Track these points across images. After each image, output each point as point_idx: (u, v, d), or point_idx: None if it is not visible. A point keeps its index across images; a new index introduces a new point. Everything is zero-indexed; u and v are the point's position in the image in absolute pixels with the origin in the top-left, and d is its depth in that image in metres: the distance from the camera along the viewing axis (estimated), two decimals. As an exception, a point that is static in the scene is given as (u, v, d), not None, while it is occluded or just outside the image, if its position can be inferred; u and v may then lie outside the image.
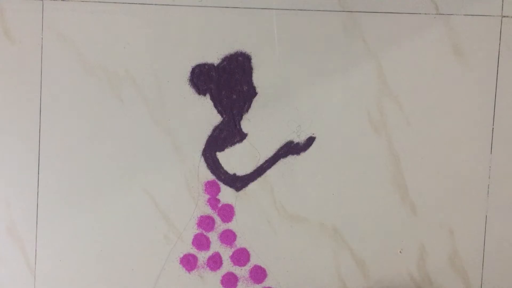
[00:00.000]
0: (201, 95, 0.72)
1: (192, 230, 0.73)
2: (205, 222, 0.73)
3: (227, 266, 0.73)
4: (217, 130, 0.73)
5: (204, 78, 0.72)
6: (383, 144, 0.73)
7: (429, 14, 0.73)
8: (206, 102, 0.73)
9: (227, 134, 0.73)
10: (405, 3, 0.73)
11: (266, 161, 0.73)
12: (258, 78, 0.73)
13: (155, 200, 0.72)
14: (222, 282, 0.73)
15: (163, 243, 0.73)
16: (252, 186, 0.73)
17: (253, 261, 0.73)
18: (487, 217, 0.74)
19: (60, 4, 0.71)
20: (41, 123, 0.72)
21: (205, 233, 0.73)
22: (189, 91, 0.72)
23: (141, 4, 0.72)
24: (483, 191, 0.74)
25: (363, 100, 0.73)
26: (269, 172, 0.73)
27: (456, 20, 0.73)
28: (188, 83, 0.72)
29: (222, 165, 0.73)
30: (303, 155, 0.73)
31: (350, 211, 0.73)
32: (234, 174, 0.73)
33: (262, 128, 0.73)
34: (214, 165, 0.73)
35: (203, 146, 0.73)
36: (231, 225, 0.73)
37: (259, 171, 0.73)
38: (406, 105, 0.73)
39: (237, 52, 0.72)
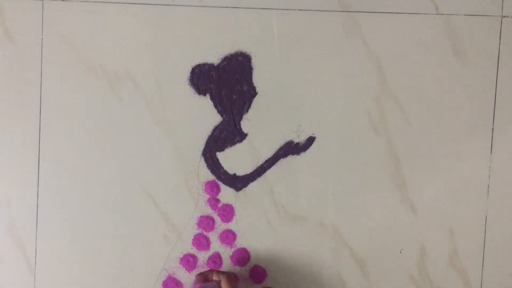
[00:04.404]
0: (201, 95, 0.72)
1: (192, 230, 0.73)
2: (205, 222, 0.73)
3: (227, 266, 0.73)
4: (217, 130, 0.73)
5: (204, 78, 0.72)
6: (383, 144, 0.73)
7: (429, 14, 0.73)
8: (206, 102, 0.73)
9: (227, 134, 0.73)
10: (405, 3, 0.73)
11: (266, 161, 0.73)
12: (258, 78, 0.73)
13: (155, 200, 0.72)
14: (222, 282, 0.73)
15: (163, 243, 0.73)
16: (252, 186, 0.73)
17: (253, 261, 0.73)
18: (487, 217, 0.74)
19: (60, 4, 0.71)
20: (41, 123, 0.72)
21: (205, 233, 0.73)
22: (189, 91, 0.72)
23: (141, 4, 0.72)
24: (483, 191, 0.74)
25: (363, 100, 0.73)
26: (269, 172, 0.73)
27: (456, 20, 0.73)
28: (188, 83, 0.72)
29: (222, 165, 0.73)
30: (303, 155, 0.73)
31: (350, 211, 0.73)
32: (234, 174, 0.73)
33: (262, 128, 0.73)
34: (214, 165, 0.73)
35: (203, 146, 0.73)
36: (231, 225, 0.73)
37: (259, 171, 0.73)
38: (406, 105, 0.73)
39: (237, 52, 0.72)
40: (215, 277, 0.65)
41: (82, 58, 0.72)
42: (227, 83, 0.72)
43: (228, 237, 0.73)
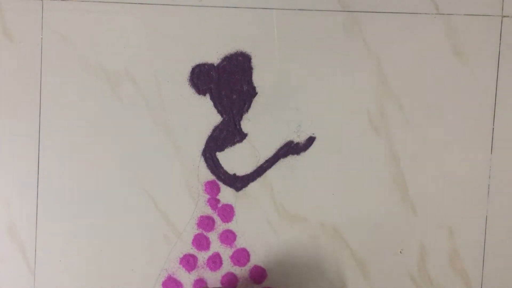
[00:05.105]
0: (201, 95, 0.72)
1: (192, 230, 0.73)
2: (205, 222, 0.73)
3: (227, 266, 0.73)
4: (217, 130, 0.73)
5: (204, 78, 0.72)
6: (383, 144, 0.73)
7: (429, 14, 0.73)
8: (206, 102, 0.73)
9: (227, 134, 0.73)
10: (405, 3, 0.73)
11: (266, 161, 0.73)
12: (258, 78, 0.73)
13: (155, 200, 0.72)
14: (222, 282, 0.73)
15: (163, 243, 0.72)
16: (252, 186, 0.73)
17: (253, 261, 0.73)
18: (487, 217, 0.74)
19: (59, 3, 0.71)
20: (40, 123, 0.72)
21: (205, 233, 0.73)
22: (189, 91, 0.72)
23: (141, 4, 0.71)
24: (484, 191, 0.74)
25: (363, 100, 0.73)
26: (269, 172, 0.73)
27: (456, 20, 0.73)
28: (188, 83, 0.72)
29: (222, 165, 0.73)
30: (303, 155, 0.73)
31: (350, 211, 0.73)
32: (234, 174, 0.73)
33: (262, 128, 0.73)
34: (214, 165, 0.73)
35: (203, 146, 0.73)
36: (231, 225, 0.73)
37: (259, 171, 0.73)
38: (406, 105, 0.73)
39: (237, 52, 0.72)
40: None
41: (82, 58, 0.71)
42: (227, 83, 0.72)
43: (228, 237, 0.73)
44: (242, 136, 0.73)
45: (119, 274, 0.72)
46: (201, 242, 0.73)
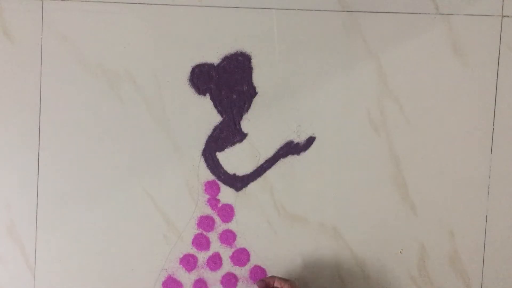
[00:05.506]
0: (201, 95, 0.72)
1: (192, 230, 0.73)
2: (205, 222, 0.73)
3: (227, 266, 0.73)
4: (217, 130, 0.73)
5: (204, 78, 0.72)
6: (383, 144, 0.73)
7: (429, 14, 0.73)
8: (206, 102, 0.73)
9: (227, 134, 0.73)
10: (405, 3, 0.73)
11: (266, 161, 0.73)
12: (258, 78, 0.73)
13: (155, 200, 0.72)
14: (222, 282, 0.73)
15: (163, 243, 0.73)
16: (252, 186, 0.73)
17: (253, 261, 0.73)
18: (487, 217, 0.74)
19: (59, 4, 0.71)
20: (40, 123, 0.72)
21: (205, 233, 0.73)
22: (189, 91, 0.72)
23: (141, 4, 0.72)
24: (484, 192, 0.74)
25: (363, 100, 0.73)
26: (269, 172, 0.73)
27: (456, 20, 0.73)
28: (188, 83, 0.72)
29: (222, 165, 0.73)
30: (303, 155, 0.73)
31: (350, 211, 0.73)
32: (234, 174, 0.73)
33: (262, 128, 0.73)
34: (214, 165, 0.73)
35: (203, 146, 0.73)
36: (231, 225, 0.73)
37: (259, 171, 0.73)
38: (406, 105, 0.73)
39: (237, 52, 0.72)
40: (276, 284, 0.63)
41: (82, 58, 0.71)
42: (227, 83, 0.72)
43: (228, 237, 0.73)
44: (242, 136, 0.73)
45: (119, 274, 0.72)
46: (201, 242, 0.73)
